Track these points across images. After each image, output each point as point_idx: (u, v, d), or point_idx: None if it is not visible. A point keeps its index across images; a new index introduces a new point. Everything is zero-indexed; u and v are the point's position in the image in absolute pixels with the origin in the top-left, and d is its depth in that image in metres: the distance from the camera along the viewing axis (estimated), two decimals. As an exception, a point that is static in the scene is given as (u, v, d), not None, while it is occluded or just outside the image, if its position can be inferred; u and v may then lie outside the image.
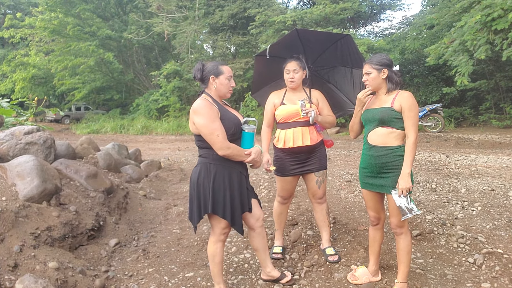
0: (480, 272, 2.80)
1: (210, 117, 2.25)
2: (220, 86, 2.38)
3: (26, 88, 21.44)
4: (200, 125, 2.26)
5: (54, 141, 4.06)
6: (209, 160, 2.34)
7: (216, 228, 2.42)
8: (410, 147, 2.31)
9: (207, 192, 2.32)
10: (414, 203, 2.33)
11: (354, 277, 2.67)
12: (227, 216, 2.34)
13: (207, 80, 2.40)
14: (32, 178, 3.16)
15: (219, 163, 2.32)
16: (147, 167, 6.08)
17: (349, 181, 5.28)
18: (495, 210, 3.96)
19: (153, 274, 2.96)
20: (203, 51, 20.63)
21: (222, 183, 2.33)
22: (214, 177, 2.32)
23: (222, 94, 2.42)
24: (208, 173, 2.33)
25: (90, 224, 3.34)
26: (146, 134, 16.16)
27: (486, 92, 14.15)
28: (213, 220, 2.41)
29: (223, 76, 2.38)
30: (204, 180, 2.33)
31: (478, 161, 6.96)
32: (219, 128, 2.24)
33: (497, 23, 8.40)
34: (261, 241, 2.59)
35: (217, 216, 2.36)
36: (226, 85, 2.40)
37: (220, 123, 2.27)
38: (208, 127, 2.23)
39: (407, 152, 2.33)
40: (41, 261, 2.65)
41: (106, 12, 22.15)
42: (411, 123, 2.33)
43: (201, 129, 2.27)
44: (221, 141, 2.23)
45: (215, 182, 2.32)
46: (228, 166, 2.34)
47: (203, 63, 2.44)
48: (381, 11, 19.52)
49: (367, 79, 2.46)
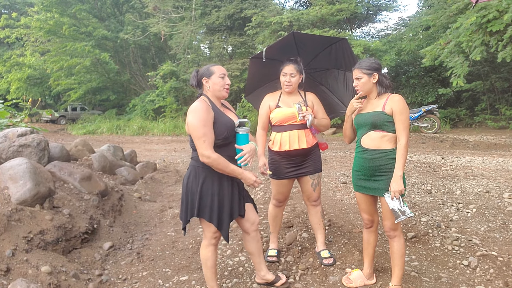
0: (474, 275, 2.80)
1: (203, 120, 2.23)
2: (214, 86, 2.37)
3: (21, 89, 21.34)
4: (192, 126, 2.25)
5: (47, 143, 4.03)
6: (199, 164, 2.32)
7: (207, 232, 2.42)
8: (402, 150, 2.32)
9: (195, 196, 2.32)
10: (407, 206, 2.33)
11: (349, 280, 2.67)
12: (214, 220, 2.33)
13: (201, 84, 2.41)
14: (25, 181, 3.13)
15: (209, 167, 2.30)
16: (143, 169, 6.05)
17: (345, 183, 5.28)
18: (489, 212, 3.97)
19: (147, 278, 2.94)
20: (200, 52, 20.60)
21: (211, 187, 2.31)
22: (203, 181, 2.31)
23: (218, 93, 2.39)
24: (197, 176, 2.32)
25: (84, 227, 3.32)
26: (142, 135, 16.11)
27: (482, 93, 14.23)
28: (203, 224, 2.40)
29: (214, 75, 2.37)
30: (193, 184, 2.33)
31: (473, 163, 6.99)
32: (208, 134, 2.22)
33: (492, 25, 8.45)
34: (255, 245, 2.59)
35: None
36: (220, 84, 2.37)
37: (211, 129, 2.25)
38: (198, 130, 2.22)
39: (398, 155, 2.33)
40: (33, 265, 2.62)
41: (102, 12, 22.08)
42: (402, 126, 2.34)
43: (191, 130, 2.26)
44: (205, 148, 2.20)
45: (203, 186, 2.31)
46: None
47: (197, 70, 2.45)
48: (377, 12, 19.59)
49: (357, 84, 2.46)
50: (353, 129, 2.64)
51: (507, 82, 13.62)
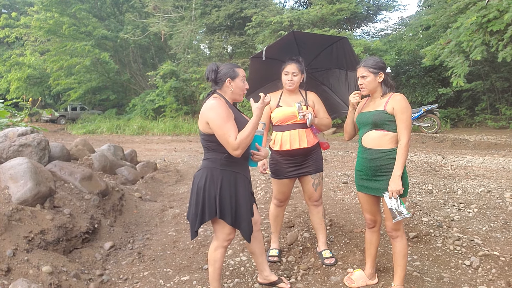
0: (476, 275, 2.80)
1: (225, 116, 2.17)
2: (236, 89, 2.33)
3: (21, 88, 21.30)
4: (215, 124, 2.17)
5: (48, 143, 4.02)
6: (216, 165, 2.27)
7: (220, 234, 2.36)
8: (402, 150, 2.31)
9: (213, 199, 2.25)
10: (404, 206, 2.32)
11: (350, 280, 2.66)
12: (235, 223, 2.29)
13: (222, 83, 2.33)
14: (26, 181, 3.12)
15: (226, 169, 2.26)
16: (143, 169, 6.04)
17: (346, 183, 5.27)
18: (491, 212, 3.96)
19: (148, 278, 2.93)
20: (200, 51, 20.58)
21: (228, 189, 2.26)
22: (221, 184, 2.25)
23: (237, 96, 2.36)
24: (214, 179, 2.26)
25: (85, 227, 3.31)
26: (142, 134, 16.09)
27: (482, 93, 14.22)
28: (217, 225, 2.34)
29: (238, 78, 2.33)
30: (210, 186, 2.25)
31: (474, 162, 6.98)
32: (233, 129, 2.16)
33: (492, 24, 8.44)
34: (258, 245, 2.57)
35: (222, 222, 2.30)
36: (241, 87, 2.35)
37: (234, 123, 2.20)
38: (222, 127, 2.15)
39: (398, 155, 2.32)
40: (34, 265, 2.61)
41: (102, 12, 22.06)
42: (403, 125, 2.33)
43: (215, 129, 2.19)
44: (233, 143, 2.15)
45: (222, 189, 2.25)
46: (234, 171, 2.29)
47: (217, 64, 2.37)
48: (378, 12, 19.58)
49: (363, 83, 2.45)
50: (354, 126, 2.64)
51: (507, 81, 13.62)
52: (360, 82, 2.47)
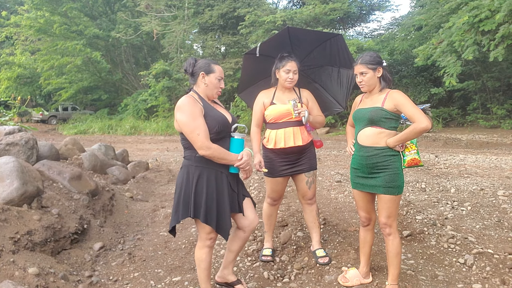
0: (471, 273, 2.78)
1: (192, 114, 2.16)
2: (210, 85, 2.31)
3: (11, 88, 21.05)
4: (182, 122, 2.18)
5: (36, 141, 3.93)
6: (191, 162, 2.26)
7: (201, 233, 2.34)
8: (415, 130, 2.22)
9: (189, 196, 2.23)
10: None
11: (345, 279, 2.63)
12: (210, 221, 2.24)
13: (197, 76, 2.32)
14: (12, 180, 3.03)
15: (202, 165, 2.23)
16: (135, 168, 5.95)
17: (339, 181, 5.25)
18: (484, 210, 3.96)
19: (139, 279, 2.87)
20: (193, 51, 20.50)
21: (205, 186, 2.23)
22: (197, 181, 2.23)
23: (210, 92, 2.34)
24: (190, 176, 2.24)
25: (74, 228, 3.23)
26: (134, 134, 15.96)
27: (474, 92, 14.35)
28: (198, 224, 2.32)
29: (213, 75, 2.31)
30: (186, 184, 2.25)
31: (467, 161, 7.01)
32: (201, 127, 2.15)
33: (484, 24, 8.50)
34: (239, 244, 2.50)
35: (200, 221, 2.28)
36: (215, 85, 2.33)
37: (203, 121, 2.18)
38: (189, 125, 2.15)
39: (405, 131, 2.26)
40: (20, 267, 2.53)
41: (93, 10, 21.85)
42: (414, 110, 2.25)
43: (182, 127, 2.19)
44: (201, 140, 2.13)
45: (197, 186, 2.23)
46: (212, 168, 2.25)
47: (195, 59, 2.38)
48: (370, 12, 19.68)
49: (362, 80, 2.40)
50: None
51: (499, 81, 13.75)
52: (359, 79, 2.42)
